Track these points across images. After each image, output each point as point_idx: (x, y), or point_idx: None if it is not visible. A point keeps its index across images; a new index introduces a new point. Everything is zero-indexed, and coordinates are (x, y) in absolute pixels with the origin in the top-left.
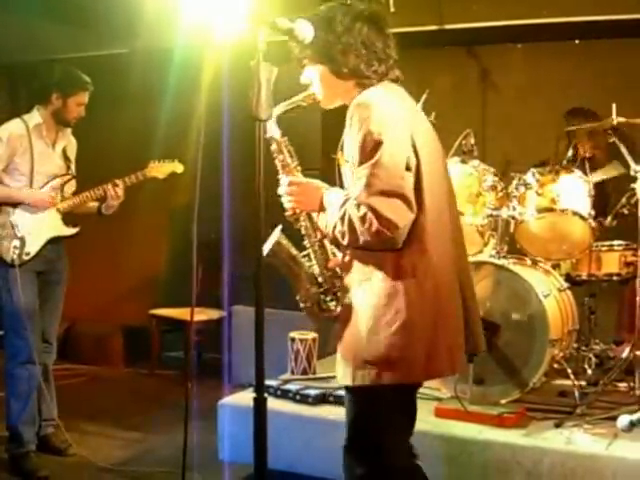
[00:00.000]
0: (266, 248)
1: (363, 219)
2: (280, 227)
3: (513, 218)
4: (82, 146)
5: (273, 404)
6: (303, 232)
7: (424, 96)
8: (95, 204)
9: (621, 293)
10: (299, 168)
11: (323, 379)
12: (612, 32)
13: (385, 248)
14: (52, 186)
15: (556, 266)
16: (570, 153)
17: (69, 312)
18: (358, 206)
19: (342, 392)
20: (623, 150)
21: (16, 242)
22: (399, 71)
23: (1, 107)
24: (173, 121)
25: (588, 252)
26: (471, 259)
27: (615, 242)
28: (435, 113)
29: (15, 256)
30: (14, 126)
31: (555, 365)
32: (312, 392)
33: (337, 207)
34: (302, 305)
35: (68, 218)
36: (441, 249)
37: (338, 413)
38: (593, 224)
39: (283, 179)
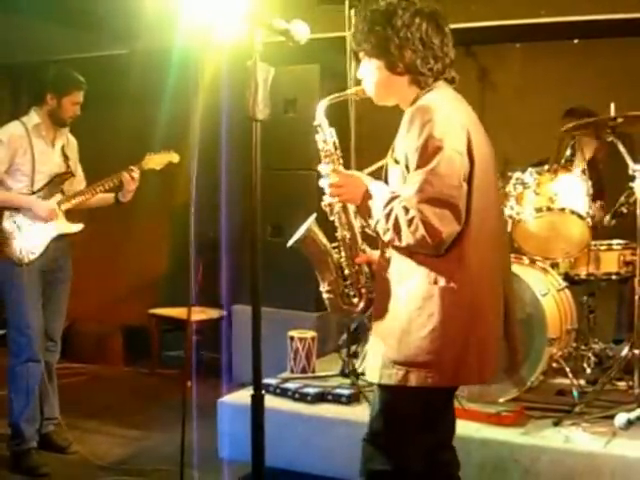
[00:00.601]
0: (298, 235)
1: (410, 222)
2: (314, 215)
3: (511, 217)
4: (82, 146)
5: (272, 402)
6: (336, 224)
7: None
8: (109, 196)
9: (620, 292)
10: (342, 160)
11: (322, 378)
12: (611, 31)
13: (425, 252)
14: (58, 200)
15: (555, 265)
16: (569, 152)
17: (69, 311)
18: (407, 209)
19: (341, 391)
20: (621, 149)
21: (21, 241)
22: (455, 72)
23: (3, 108)
24: (172, 121)
25: (587, 251)
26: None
27: (614, 241)
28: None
29: (21, 255)
30: (13, 128)
31: (554, 364)
32: (311, 391)
33: (383, 203)
34: (325, 296)
35: (71, 215)
36: (483, 259)
37: (336, 412)
38: (591, 222)
39: (325, 168)
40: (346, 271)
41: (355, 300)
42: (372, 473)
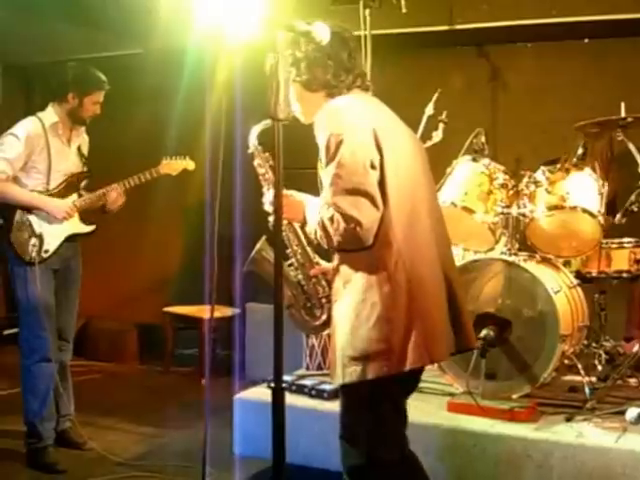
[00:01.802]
0: (249, 261)
1: (332, 219)
2: (264, 237)
3: (524, 216)
4: (97, 144)
5: (289, 399)
6: (286, 242)
7: (435, 95)
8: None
9: (631, 290)
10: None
11: None
12: (621, 31)
13: (357, 247)
14: (74, 202)
15: (566, 263)
16: (580, 151)
17: (85, 310)
18: (327, 208)
19: None
20: (632, 149)
21: (34, 240)
22: (368, 80)
23: (16, 108)
24: (186, 120)
25: (598, 249)
26: (483, 256)
27: (625, 239)
28: (446, 112)
29: (34, 254)
30: (31, 125)
31: (565, 361)
32: (327, 387)
33: (315, 213)
34: (287, 312)
35: (85, 215)
36: (412, 242)
37: None
38: (602, 221)
39: (267, 193)
40: (304, 286)
41: (317, 312)
42: (350, 468)
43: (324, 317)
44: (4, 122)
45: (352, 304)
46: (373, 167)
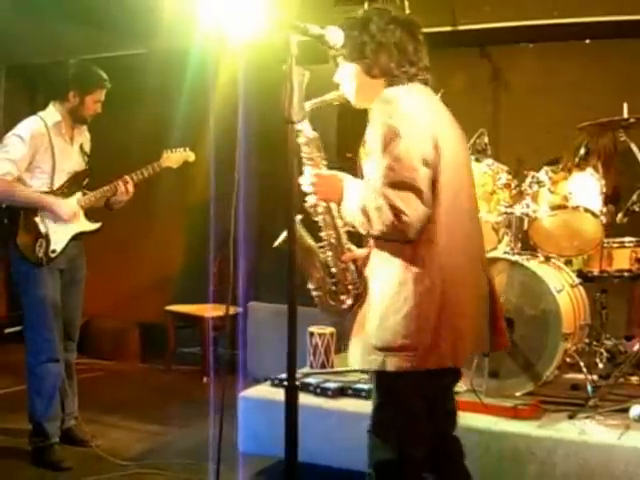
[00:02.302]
0: (282, 235)
1: (379, 209)
2: (299, 216)
3: (527, 215)
4: (100, 144)
5: None
6: (321, 224)
7: (438, 96)
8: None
9: (631, 289)
10: (324, 162)
11: (341, 373)
12: (622, 32)
13: (399, 239)
14: (79, 200)
15: (568, 262)
16: (583, 151)
17: (87, 308)
18: (374, 197)
19: (361, 385)
20: (634, 149)
21: (41, 241)
22: (429, 76)
23: (20, 108)
24: (189, 120)
25: (600, 248)
26: (486, 256)
27: (626, 239)
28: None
29: (41, 254)
30: (34, 125)
31: (567, 359)
32: (332, 385)
33: (356, 197)
34: (314, 294)
35: (90, 213)
36: (454, 244)
37: (357, 405)
38: (604, 221)
39: (307, 171)
40: (333, 269)
41: (343, 297)
42: (377, 463)
43: (349, 302)
44: (7, 122)
45: (384, 295)
46: (427, 164)
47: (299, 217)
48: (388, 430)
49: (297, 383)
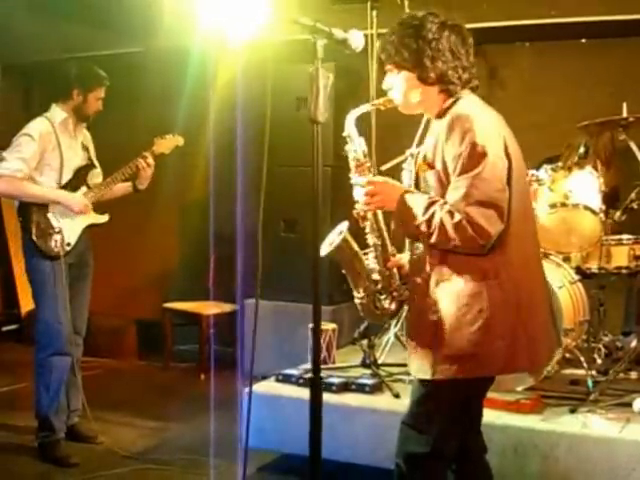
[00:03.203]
0: (331, 243)
1: (457, 226)
2: (346, 224)
3: None
4: (99, 143)
5: (297, 392)
6: (367, 230)
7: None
8: (125, 186)
9: (629, 285)
10: (372, 168)
11: (343, 368)
12: (618, 31)
13: (473, 252)
14: (84, 192)
15: (567, 259)
16: (582, 150)
17: None
18: (452, 213)
19: (364, 380)
20: (634, 147)
21: (56, 236)
22: (478, 81)
23: (15, 106)
24: (188, 119)
25: (599, 246)
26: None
27: (624, 236)
28: None
29: (58, 248)
30: (42, 124)
31: (567, 354)
32: (335, 380)
33: (423, 208)
34: (358, 301)
35: (97, 206)
36: (525, 254)
37: (360, 401)
38: (603, 218)
39: (358, 179)
40: (377, 276)
41: (387, 303)
42: (408, 454)
43: (392, 308)
44: (3, 121)
45: (452, 305)
46: (508, 182)
47: (346, 223)
48: (425, 425)
49: (298, 378)
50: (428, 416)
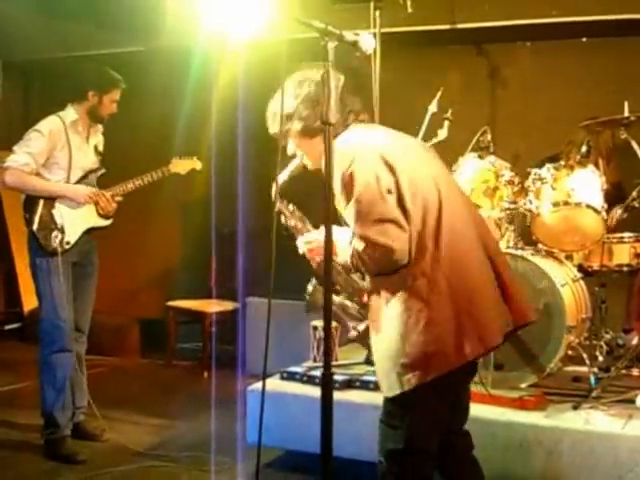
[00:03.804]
0: (306, 305)
1: (365, 251)
2: (313, 280)
3: (529, 211)
4: (104, 143)
5: (301, 389)
6: (335, 274)
7: (439, 93)
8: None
9: (630, 283)
10: (309, 227)
11: (346, 366)
12: (619, 30)
13: (395, 268)
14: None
15: (569, 257)
16: (584, 149)
17: None
18: (358, 242)
19: (368, 377)
20: (635, 146)
21: (56, 232)
22: (363, 114)
23: (15, 104)
24: (191, 118)
25: (600, 243)
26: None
27: (626, 234)
28: (451, 110)
29: (56, 245)
30: (52, 122)
31: (569, 352)
32: (338, 378)
33: (346, 245)
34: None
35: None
36: (449, 241)
37: (364, 397)
38: (605, 217)
39: (300, 241)
40: (361, 312)
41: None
42: (387, 451)
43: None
44: (3, 117)
45: (396, 316)
46: (390, 192)
47: (312, 280)
48: (399, 421)
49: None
50: (401, 414)
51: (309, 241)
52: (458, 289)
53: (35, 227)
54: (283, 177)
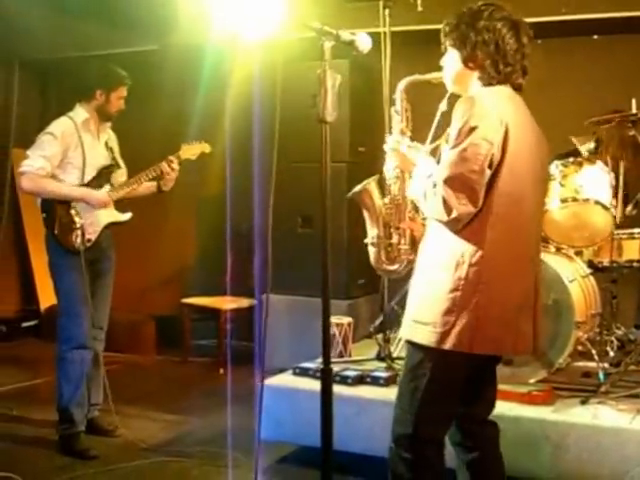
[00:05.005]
0: (357, 187)
1: (433, 196)
2: (377, 175)
3: None
4: (118, 140)
5: (313, 385)
6: (391, 188)
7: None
8: (149, 186)
9: None
10: (409, 134)
11: (358, 362)
12: (629, 28)
13: (443, 227)
14: (107, 191)
15: (579, 253)
16: (592, 145)
17: None
18: (434, 184)
19: (379, 373)
20: None
21: (77, 231)
22: (524, 80)
23: (32, 103)
24: (205, 116)
25: (610, 239)
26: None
27: (635, 230)
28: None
29: (78, 244)
30: (64, 123)
31: (579, 347)
32: (351, 373)
33: (424, 177)
34: (369, 247)
35: (120, 205)
36: (501, 241)
37: (375, 393)
38: (614, 213)
39: (391, 136)
40: (391, 231)
41: (392, 257)
42: (397, 436)
43: (396, 266)
44: (19, 116)
45: (428, 274)
46: (490, 167)
47: (377, 175)
48: (410, 405)
49: (315, 372)
50: (411, 395)
51: (397, 147)
52: (484, 294)
53: (56, 230)
54: (418, 77)
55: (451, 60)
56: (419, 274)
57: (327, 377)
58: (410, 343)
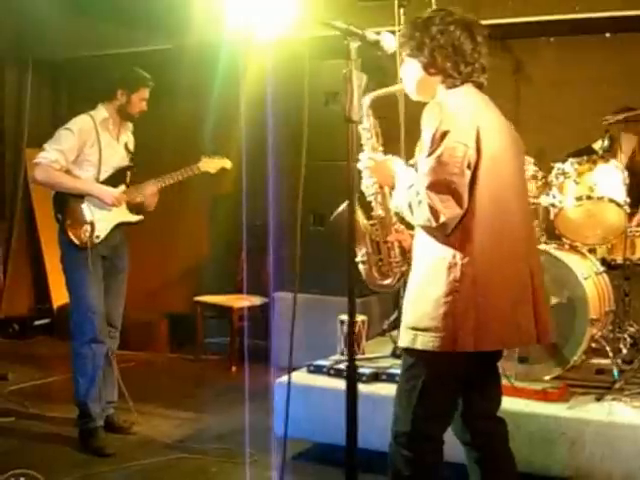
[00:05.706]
0: (338, 210)
1: (418, 205)
2: (356, 195)
3: (553, 206)
4: (134, 140)
5: (328, 383)
6: (373, 204)
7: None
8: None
9: None
10: (381, 148)
11: (373, 359)
12: None
13: (433, 232)
14: (122, 191)
15: (592, 251)
16: (607, 143)
17: None
18: (417, 192)
19: (394, 370)
20: None
21: (87, 226)
22: (485, 78)
23: (44, 101)
24: (219, 115)
25: (623, 237)
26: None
27: None
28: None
29: (86, 239)
30: (83, 120)
31: (593, 344)
32: (365, 371)
33: (405, 188)
34: (360, 266)
35: (131, 206)
36: (489, 239)
37: (391, 390)
38: (628, 210)
39: (363, 154)
40: (380, 247)
41: (385, 272)
42: (396, 433)
43: (389, 280)
44: (32, 116)
45: (421, 279)
46: (469, 167)
47: (355, 195)
48: (406, 401)
49: (329, 369)
50: (407, 394)
51: (374, 159)
52: (480, 287)
53: (66, 223)
54: (380, 92)
55: (411, 70)
56: (412, 282)
57: (352, 375)
58: (410, 351)
